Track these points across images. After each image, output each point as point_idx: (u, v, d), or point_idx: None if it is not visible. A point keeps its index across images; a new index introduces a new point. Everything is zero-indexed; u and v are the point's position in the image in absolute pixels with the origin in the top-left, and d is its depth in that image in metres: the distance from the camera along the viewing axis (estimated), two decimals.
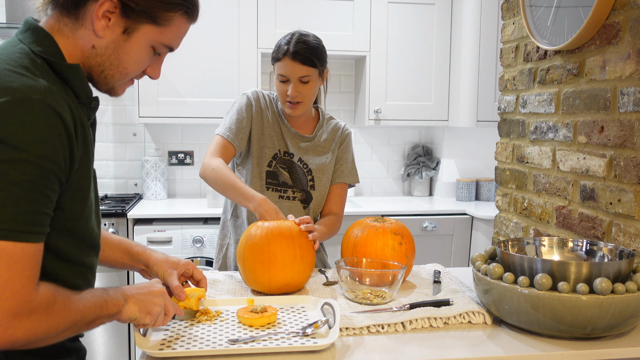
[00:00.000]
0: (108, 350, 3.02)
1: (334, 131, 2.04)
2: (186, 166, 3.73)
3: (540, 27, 1.85)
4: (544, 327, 1.25)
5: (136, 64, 1.09)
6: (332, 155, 2.02)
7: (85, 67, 1.07)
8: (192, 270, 1.44)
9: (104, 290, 1.08)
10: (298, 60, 1.84)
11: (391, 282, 1.48)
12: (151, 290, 1.16)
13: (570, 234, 1.74)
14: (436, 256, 3.32)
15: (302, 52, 1.84)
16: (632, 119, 1.49)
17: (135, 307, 1.10)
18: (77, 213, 1.04)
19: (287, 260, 1.50)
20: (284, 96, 1.89)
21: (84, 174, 1.04)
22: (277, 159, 1.96)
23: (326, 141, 2.02)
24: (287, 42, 1.86)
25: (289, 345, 1.18)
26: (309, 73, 1.86)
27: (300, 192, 1.97)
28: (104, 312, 1.04)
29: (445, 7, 3.54)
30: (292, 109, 1.90)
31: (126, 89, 1.16)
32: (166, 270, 1.37)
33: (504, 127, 2.15)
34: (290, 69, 1.85)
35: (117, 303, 1.07)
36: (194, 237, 3.05)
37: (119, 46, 1.05)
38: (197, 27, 3.69)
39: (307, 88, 1.88)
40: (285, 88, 1.87)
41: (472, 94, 3.43)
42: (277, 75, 1.88)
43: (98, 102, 1.11)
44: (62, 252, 1.04)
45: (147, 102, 3.29)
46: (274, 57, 1.89)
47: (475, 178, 3.80)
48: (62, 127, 0.94)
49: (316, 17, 3.40)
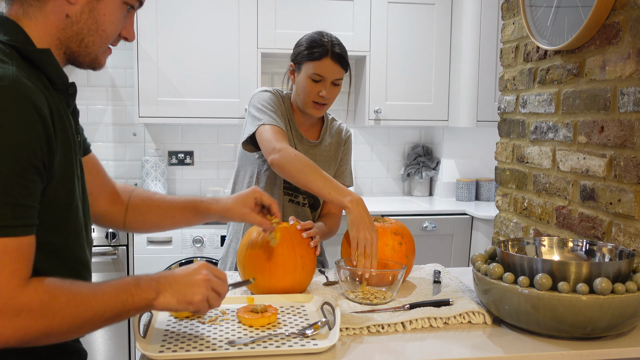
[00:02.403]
0: (108, 350, 3.02)
1: (338, 134, 2.03)
2: (186, 166, 3.73)
3: (540, 27, 1.85)
4: (544, 327, 1.25)
5: (113, 24, 1.07)
6: (333, 160, 2.01)
7: (63, 42, 1.05)
8: (260, 197, 1.42)
9: (135, 280, 1.03)
10: (339, 63, 1.83)
11: (391, 282, 1.48)
12: (193, 279, 1.10)
13: (570, 234, 1.74)
14: (436, 256, 3.32)
15: (343, 55, 1.84)
16: (632, 119, 1.49)
17: (173, 298, 1.06)
18: (65, 204, 1.02)
19: (288, 270, 1.50)
20: (312, 96, 1.85)
21: (67, 163, 1.01)
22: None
23: (331, 145, 2.01)
24: (323, 43, 1.82)
25: (288, 348, 1.17)
26: (342, 76, 1.87)
27: (309, 197, 1.96)
28: (129, 306, 1.00)
29: (445, 7, 3.54)
30: (318, 110, 1.88)
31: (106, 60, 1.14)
32: (242, 212, 1.37)
33: (504, 127, 2.15)
34: (330, 70, 1.82)
35: (146, 296, 1.03)
36: (194, 237, 3.05)
37: (94, 8, 1.04)
38: (197, 27, 3.69)
39: (337, 91, 1.88)
40: (318, 88, 1.84)
41: (472, 94, 3.43)
42: (312, 74, 1.83)
43: (75, 87, 1.08)
44: (56, 248, 1.02)
45: (147, 102, 3.29)
46: (306, 55, 1.83)
47: (475, 178, 3.80)
48: (34, 113, 0.91)
49: (316, 17, 3.40)
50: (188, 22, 3.30)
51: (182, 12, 3.29)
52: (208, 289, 1.12)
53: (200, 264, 1.15)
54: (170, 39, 3.29)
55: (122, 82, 3.61)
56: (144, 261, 3.01)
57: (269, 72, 3.74)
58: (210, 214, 1.40)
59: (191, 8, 3.29)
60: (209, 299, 1.12)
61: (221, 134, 3.75)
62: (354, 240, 1.53)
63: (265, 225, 1.38)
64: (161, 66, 3.29)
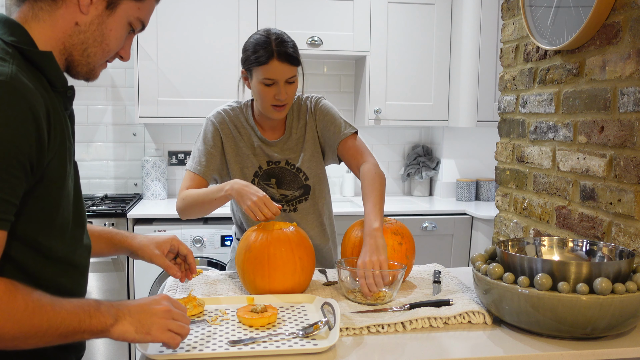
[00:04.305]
0: (108, 350, 3.02)
1: (303, 113, 1.95)
2: None
3: (540, 27, 1.85)
4: (544, 327, 1.25)
5: (117, 40, 1.10)
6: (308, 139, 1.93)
7: (67, 48, 1.06)
8: (177, 246, 1.43)
9: (96, 303, 1.01)
10: (286, 62, 1.76)
11: (391, 282, 1.48)
12: (152, 309, 1.08)
13: (570, 234, 1.74)
14: (436, 256, 3.32)
15: (289, 53, 1.77)
16: (632, 119, 1.49)
17: (131, 327, 1.03)
18: (55, 203, 1.02)
19: (287, 272, 1.50)
20: (269, 100, 1.80)
21: (61, 163, 1.02)
22: (258, 176, 1.91)
23: (302, 128, 1.95)
24: (268, 44, 1.76)
25: (289, 348, 1.17)
26: (295, 73, 1.80)
27: (297, 190, 1.94)
28: (84, 327, 0.97)
29: (445, 7, 3.54)
30: (278, 112, 1.83)
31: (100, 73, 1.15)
32: (152, 253, 1.36)
33: (504, 127, 2.15)
34: (279, 72, 1.76)
35: (104, 320, 1.00)
36: (194, 237, 3.05)
37: (103, 22, 1.06)
38: (197, 27, 3.68)
39: (293, 88, 1.83)
40: (272, 92, 1.79)
41: (472, 94, 3.43)
42: (262, 80, 1.77)
43: (74, 91, 1.11)
44: (43, 248, 1.02)
45: (147, 102, 3.29)
46: (253, 60, 1.78)
47: (475, 178, 3.80)
48: (28, 111, 0.92)
49: (316, 17, 3.40)
50: (188, 22, 3.30)
51: (182, 12, 3.29)
52: (168, 320, 1.08)
53: (161, 295, 1.14)
54: (170, 39, 3.29)
55: (122, 82, 3.61)
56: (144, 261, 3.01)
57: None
58: (123, 248, 1.37)
59: (191, 8, 3.29)
60: (171, 328, 1.08)
61: None
62: (249, 213, 1.60)
63: (173, 271, 1.35)
64: (161, 66, 3.29)
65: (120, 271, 3.02)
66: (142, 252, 1.36)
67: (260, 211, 1.58)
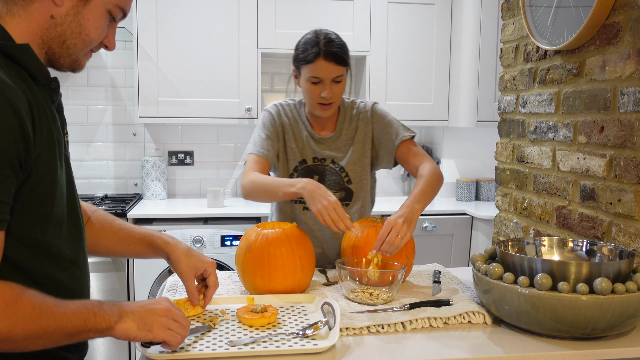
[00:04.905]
0: (108, 350, 3.02)
1: (357, 116, 1.99)
2: (186, 166, 3.73)
3: (540, 27, 1.85)
4: (544, 327, 1.25)
5: (97, 29, 1.08)
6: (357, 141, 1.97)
7: (45, 42, 1.05)
8: (209, 273, 1.38)
9: (98, 303, 1.03)
10: (333, 61, 1.81)
11: (391, 282, 1.48)
12: (152, 308, 1.10)
13: (570, 234, 1.74)
14: (436, 256, 3.32)
15: (336, 52, 1.82)
16: (632, 119, 1.49)
17: (134, 324, 1.05)
18: (48, 197, 1.02)
19: (287, 272, 1.50)
20: (315, 98, 1.86)
21: (50, 157, 1.01)
22: (297, 170, 1.96)
23: (352, 130, 1.99)
24: (316, 43, 1.82)
25: (288, 348, 1.17)
26: (342, 72, 1.85)
27: (338, 191, 1.96)
28: (90, 326, 0.99)
29: (445, 7, 3.54)
30: (324, 110, 1.89)
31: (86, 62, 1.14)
32: (185, 270, 1.34)
33: (504, 127, 2.15)
34: (325, 70, 1.82)
35: (108, 318, 1.01)
36: (194, 237, 3.05)
37: (79, 12, 1.05)
38: (197, 27, 3.68)
39: (340, 88, 1.87)
40: (318, 90, 1.84)
41: (472, 94, 3.43)
42: (309, 78, 1.83)
43: (57, 82, 1.09)
44: (40, 244, 1.02)
45: (147, 102, 3.29)
46: (302, 59, 1.85)
47: (475, 178, 3.80)
48: (9, 108, 0.91)
49: (316, 17, 3.40)
50: (188, 22, 3.30)
51: (182, 12, 3.29)
52: (169, 319, 1.11)
53: (161, 297, 1.17)
54: (170, 39, 3.29)
55: (122, 82, 3.61)
56: (144, 261, 3.01)
57: (269, 72, 3.74)
58: (162, 253, 1.37)
59: (191, 8, 3.29)
60: (171, 328, 1.10)
61: (221, 134, 3.75)
62: (317, 216, 1.58)
63: (192, 298, 1.34)
64: (161, 66, 3.29)
65: (120, 271, 3.02)
66: (177, 265, 1.34)
67: (328, 215, 1.57)
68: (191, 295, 1.34)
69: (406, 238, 1.56)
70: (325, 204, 1.57)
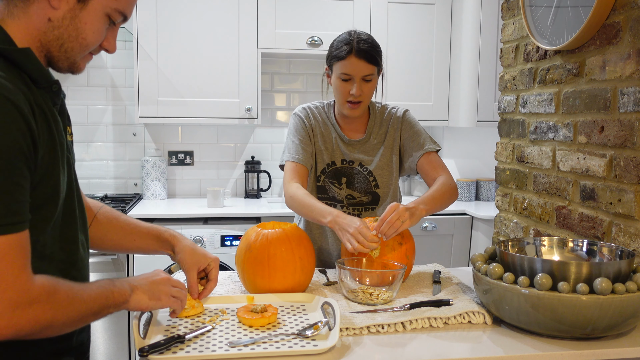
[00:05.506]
0: (108, 350, 3.02)
1: (387, 121, 2.00)
2: (186, 166, 3.73)
3: (540, 27, 1.85)
4: (544, 327, 1.25)
5: (94, 33, 1.08)
6: (386, 146, 1.98)
7: (44, 45, 1.05)
8: (211, 268, 1.44)
9: (110, 281, 1.10)
10: (364, 59, 1.83)
11: (391, 282, 1.48)
12: (156, 279, 1.21)
13: (570, 234, 1.74)
14: (436, 256, 3.32)
15: (367, 50, 1.84)
16: (632, 119, 1.49)
17: (144, 295, 1.15)
18: (49, 200, 1.03)
19: (287, 272, 1.50)
20: (345, 96, 1.88)
21: (53, 160, 1.02)
22: (325, 173, 1.97)
23: (382, 135, 2.00)
24: (349, 41, 1.84)
25: (288, 349, 1.17)
26: (372, 71, 1.86)
27: (365, 195, 1.97)
28: (110, 302, 1.07)
29: (445, 7, 3.54)
30: (352, 109, 1.89)
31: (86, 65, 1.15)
32: (188, 263, 1.39)
33: (504, 127, 2.15)
34: (355, 68, 1.83)
35: (124, 292, 1.10)
36: (194, 237, 3.05)
37: (76, 16, 1.05)
38: (197, 27, 3.67)
39: (369, 87, 1.88)
40: (348, 87, 1.86)
41: (472, 94, 3.43)
42: (340, 75, 1.85)
43: (59, 85, 1.09)
44: (38, 245, 1.03)
45: (147, 102, 3.29)
46: (334, 56, 1.87)
47: (475, 178, 3.80)
48: (15, 111, 0.92)
49: (316, 17, 3.40)
50: (188, 22, 3.29)
51: (182, 12, 3.29)
52: (170, 287, 1.23)
53: (155, 270, 1.27)
54: (170, 39, 3.29)
55: (122, 82, 3.61)
56: (144, 261, 3.01)
57: (269, 72, 3.74)
58: (168, 246, 1.43)
59: (191, 8, 3.29)
60: (173, 294, 1.23)
61: (221, 134, 3.75)
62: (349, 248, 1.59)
63: (192, 290, 1.38)
64: (161, 66, 3.29)
65: (120, 271, 3.01)
66: (182, 260, 1.40)
67: (356, 240, 1.58)
68: (191, 286, 1.38)
69: (405, 225, 1.59)
70: (351, 232, 1.59)
